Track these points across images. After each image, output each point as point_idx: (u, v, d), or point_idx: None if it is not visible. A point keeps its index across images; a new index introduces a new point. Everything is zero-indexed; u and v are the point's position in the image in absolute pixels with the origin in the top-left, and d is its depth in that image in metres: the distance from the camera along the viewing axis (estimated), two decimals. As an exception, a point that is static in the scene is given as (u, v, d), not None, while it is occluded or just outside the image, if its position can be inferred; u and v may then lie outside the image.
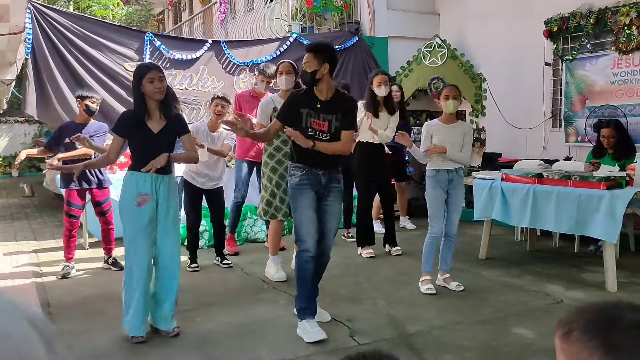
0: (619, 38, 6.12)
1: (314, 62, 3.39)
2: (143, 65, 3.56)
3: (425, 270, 4.27)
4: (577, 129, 6.75)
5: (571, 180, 4.40)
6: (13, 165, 5.09)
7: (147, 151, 3.37)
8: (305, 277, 3.43)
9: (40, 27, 6.25)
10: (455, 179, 4.27)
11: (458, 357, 3.04)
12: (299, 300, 3.45)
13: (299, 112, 3.44)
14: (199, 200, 5.03)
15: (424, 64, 7.77)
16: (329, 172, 3.50)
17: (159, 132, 3.42)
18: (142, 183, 3.37)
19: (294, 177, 3.49)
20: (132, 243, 3.38)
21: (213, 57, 7.22)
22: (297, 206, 3.46)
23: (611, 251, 4.22)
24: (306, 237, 3.41)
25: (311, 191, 3.46)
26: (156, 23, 18.70)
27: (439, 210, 4.23)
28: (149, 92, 3.35)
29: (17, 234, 7.24)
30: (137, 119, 3.40)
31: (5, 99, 12.69)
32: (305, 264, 3.42)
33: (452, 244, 4.33)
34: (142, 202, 3.36)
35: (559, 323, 0.95)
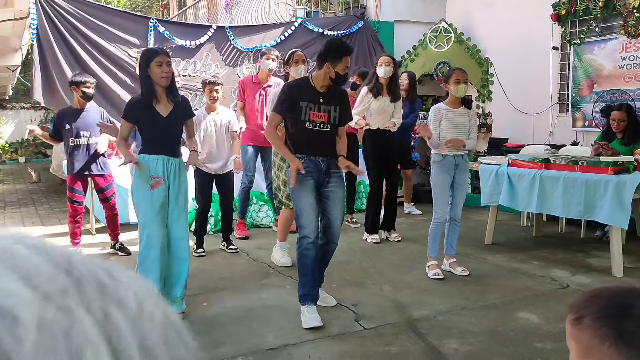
0: (628, 21, 6.04)
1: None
2: (151, 49, 3.57)
3: (431, 255, 4.27)
4: (585, 114, 6.70)
5: (578, 165, 4.38)
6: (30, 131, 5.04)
7: (158, 135, 3.41)
8: (307, 263, 3.42)
9: (44, 12, 6.22)
10: (461, 163, 4.26)
11: (463, 341, 3.05)
12: (301, 287, 3.45)
13: (299, 104, 3.44)
14: (210, 186, 5.04)
15: (430, 48, 7.71)
16: (327, 159, 3.50)
17: (168, 116, 3.44)
18: (154, 166, 3.41)
19: None
20: (147, 227, 3.39)
21: (217, 43, 7.18)
22: (296, 193, 3.45)
23: (617, 236, 4.21)
24: (307, 223, 3.40)
25: (310, 179, 3.45)
26: (160, 8, 18.60)
27: (443, 195, 4.22)
28: (156, 77, 3.35)
29: (24, 220, 7.29)
30: (145, 103, 3.40)
31: (10, 85, 12.71)
32: (305, 251, 3.41)
33: (457, 227, 4.32)
34: (155, 185, 3.39)
35: (570, 308, 0.94)
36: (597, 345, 0.86)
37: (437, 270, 4.21)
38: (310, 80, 3.52)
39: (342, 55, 3.45)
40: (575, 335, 0.91)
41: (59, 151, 9.68)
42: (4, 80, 11.79)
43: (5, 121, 18.61)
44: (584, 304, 0.91)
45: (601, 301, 0.89)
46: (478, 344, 3.03)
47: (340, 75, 3.47)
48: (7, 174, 13.72)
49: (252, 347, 3.04)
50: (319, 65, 3.53)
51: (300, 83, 3.58)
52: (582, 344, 0.89)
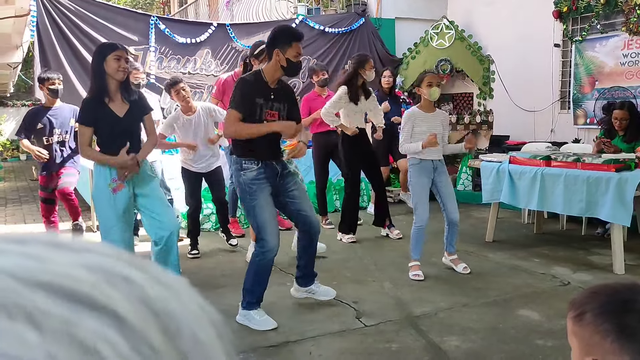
0: (630, 18, 6.02)
1: None
2: (109, 43, 3.44)
3: (414, 257, 4.20)
4: (586, 111, 6.69)
5: (580, 163, 4.37)
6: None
7: (115, 136, 3.26)
8: (264, 276, 3.29)
9: (45, 9, 6.23)
10: (439, 166, 4.20)
11: (464, 338, 3.05)
12: (251, 295, 3.30)
13: (255, 101, 3.19)
14: (198, 185, 4.96)
15: (432, 45, 7.70)
16: (281, 161, 3.32)
17: (125, 116, 3.29)
18: (116, 169, 3.26)
19: (249, 171, 3.20)
20: (109, 233, 3.24)
21: (217, 41, 7.18)
22: (256, 204, 3.19)
23: (619, 234, 4.20)
24: (271, 236, 3.19)
25: (269, 186, 3.24)
26: (161, 6, 18.57)
27: (423, 198, 4.14)
28: (111, 71, 3.20)
29: (25, 217, 7.30)
30: (99, 100, 3.23)
31: (12, 83, 12.71)
32: (267, 264, 3.26)
33: (456, 229, 4.27)
34: (117, 188, 3.25)
35: (570, 305, 0.94)
36: (599, 341, 0.86)
37: (418, 271, 4.14)
38: (262, 74, 3.26)
39: (292, 40, 3.19)
40: (576, 332, 0.91)
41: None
42: (5, 77, 11.79)
43: (7, 118, 18.59)
44: (585, 300, 0.91)
45: (602, 297, 0.89)
46: (479, 341, 3.03)
47: (293, 62, 3.21)
48: (8, 171, 13.73)
49: (253, 344, 3.04)
50: (269, 55, 3.27)
51: (254, 77, 3.28)
52: (583, 341, 0.89)
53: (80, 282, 0.26)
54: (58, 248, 0.28)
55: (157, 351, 0.26)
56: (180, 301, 0.29)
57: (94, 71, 3.25)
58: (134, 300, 0.27)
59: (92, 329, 0.24)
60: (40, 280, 0.25)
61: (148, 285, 0.28)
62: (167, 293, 0.29)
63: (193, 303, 0.30)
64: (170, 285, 0.30)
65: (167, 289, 0.29)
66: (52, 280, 0.25)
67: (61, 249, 0.28)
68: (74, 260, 0.27)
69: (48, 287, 0.25)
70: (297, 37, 3.25)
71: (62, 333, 0.24)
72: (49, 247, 0.28)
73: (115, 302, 0.26)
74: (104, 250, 0.29)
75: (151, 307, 0.27)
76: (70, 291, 0.25)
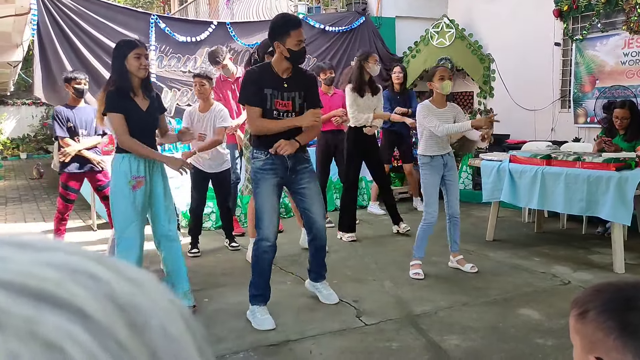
0: (630, 17, 6.01)
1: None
2: (128, 41, 3.43)
3: (417, 255, 4.20)
4: (587, 110, 6.68)
5: (580, 162, 4.37)
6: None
7: (139, 130, 3.27)
8: (263, 266, 3.33)
9: (45, 8, 6.22)
10: (449, 161, 4.20)
11: (464, 337, 3.05)
12: (254, 287, 3.35)
13: (263, 92, 3.21)
14: (205, 183, 4.95)
15: (432, 44, 7.69)
16: (294, 155, 3.28)
17: (147, 110, 3.33)
18: (136, 166, 3.28)
19: (257, 161, 3.30)
20: (128, 228, 3.26)
21: (218, 39, 7.15)
22: (258, 192, 3.28)
23: (619, 233, 4.20)
24: (267, 225, 3.26)
25: (275, 177, 3.28)
26: (161, 4, 18.57)
27: (434, 196, 4.15)
28: (133, 69, 3.23)
29: (25, 216, 7.31)
30: (125, 94, 3.25)
31: (12, 81, 12.71)
32: (264, 254, 3.31)
33: (457, 223, 4.28)
34: (137, 185, 3.27)
35: (573, 303, 0.94)
36: (601, 339, 0.86)
37: (419, 270, 4.13)
38: (272, 67, 3.28)
39: (289, 29, 3.14)
40: (579, 329, 0.91)
41: (60, 147, 9.71)
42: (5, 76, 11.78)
43: (7, 117, 18.60)
44: (588, 298, 0.91)
45: (605, 295, 0.89)
46: (479, 340, 3.03)
47: (295, 51, 3.17)
48: (8, 170, 13.73)
49: (253, 343, 3.05)
50: (273, 49, 3.29)
51: (261, 69, 3.30)
52: (586, 338, 0.89)
53: (43, 280, 0.26)
54: (21, 247, 0.28)
55: (124, 346, 0.25)
56: (148, 296, 0.29)
57: (117, 69, 3.27)
58: (99, 296, 0.27)
59: (55, 326, 0.24)
60: (1, 279, 0.25)
61: (114, 281, 0.28)
62: (135, 288, 0.29)
63: (162, 298, 0.30)
64: (137, 281, 0.29)
65: (134, 284, 0.29)
66: (13, 279, 0.25)
67: (24, 248, 0.28)
68: (37, 259, 0.27)
69: (9, 286, 0.25)
70: (293, 24, 3.19)
71: (24, 331, 0.23)
72: (11, 246, 0.28)
73: (80, 299, 0.26)
74: (69, 248, 0.29)
75: (117, 303, 0.27)
76: (33, 289, 0.25)
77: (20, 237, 0.29)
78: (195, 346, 0.30)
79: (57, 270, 0.27)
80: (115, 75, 3.30)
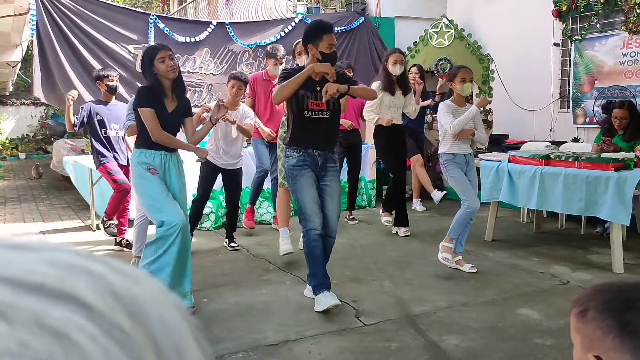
0: (629, 18, 6.02)
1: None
2: (151, 47, 3.53)
3: (451, 235, 4.23)
4: (586, 110, 6.69)
5: (579, 162, 4.38)
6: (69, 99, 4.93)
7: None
8: (316, 254, 3.45)
9: (44, 8, 6.22)
10: (470, 161, 4.34)
11: (463, 337, 3.06)
12: (313, 278, 3.47)
13: (298, 92, 3.41)
14: (213, 178, 4.93)
15: (431, 44, 7.70)
16: (324, 153, 3.52)
17: (172, 112, 3.45)
18: (152, 160, 3.42)
19: (291, 158, 3.50)
20: (162, 211, 3.30)
21: (217, 40, 7.16)
22: (297, 187, 3.46)
23: (618, 233, 4.21)
24: (312, 215, 3.44)
25: (310, 170, 3.47)
26: (160, 4, 18.56)
27: (468, 186, 4.22)
28: (162, 72, 3.35)
29: (24, 216, 7.30)
30: (157, 93, 3.40)
31: (11, 81, 12.71)
32: (314, 242, 3.44)
33: (470, 225, 4.31)
34: (153, 172, 3.40)
35: (574, 302, 0.95)
36: (601, 337, 0.86)
37: (448, 255, 4.21)
38: (301, 70, 3.47)
39: (322, 34, 3.39)
40: (579, 328, 0.92)
41: (59, 147, 9.70)
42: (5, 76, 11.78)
43: (6, 117, 18.59)
44: (589, 297, 0.92)
45: (605, 294, 0.90)
46: (478, 339, 3.03)
47: (327, 54, 3.41)
48: (7, 170, 13.72)
49: (252, 343, 3.05)
50: (306, 52, 3.51)
51: (296, 71, 3.51)
52: (586, 337, 0.90)
53: (44, 276, 0.27)
54: (19, 249, 0.29)
55: (128, 333, 0.27)
56: (144, 288, 0.31)
57: (147, 76, 3.40)
58: (99, 289, 0.28)
59: (60, 317, 0.25)
60: (4, 276, 0.26)
61: (110, 276, 0.29)
62: (130, 281, 0.30)
63: (156, 289, 0.32)
64: (132, 275, 0.31)
65: (129, 277, 0.31)
66: (16, 276, 0.27)
67: (22, 249, 0.29)
68: (36, 258, 0.29)
69: (13, 282, 0.26)
70: (327, 29, 3.44)
71: (31, 322, 0.25)
72: (9, 248, 0.29)
73: (81, 291, 0.27)
74: (64, 248, 0.31)
75: (116, 295, 0.28)
76: (35, 285, 0.26)
77: (15, 239, 0.31)
78: (192, 335, 0.31)
79: (57, 268, 0.28)
80: (147, 78, 3.44)
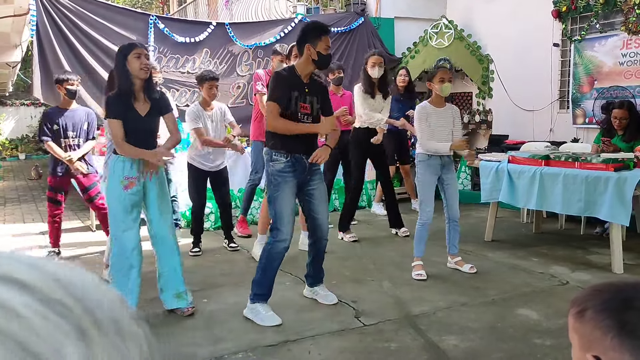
0: (629, 18, 6.02)
1: None
2: (127, 44, 3.46)
3: (417, 255, 4.20)
4: (585, 111, 6.69)
5: (578, 162, 4.38)
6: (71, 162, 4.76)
7: (135, 135, 3.30)
8: (274, 266, 3.37)
9: (44, 8, 6.22)
10: (447, 163, 4.19)
11: (462, 337, 3.06)
12: (259, 286, 3.37)
13: (290, 94, 3.32)
14: (204, 183, 4.98)
15: (431, 45, 7.70)
16: (309, 157, 3.40)
17: (146, 116, 3.36)
18: (129, 167, 3.34)
19: (277, 163, 3.34)
20: (120, 227, 3.33)
21: (216, 40, 7.16)
22: (278, 195, 3.32)
23: (618, 233, 4.21)
24: (286, 227, 3.32)
25: (294, 179, 3.36)
26: (160, 5, 18.56)
27: (429, 195, 4.14)
28: (135, 70, 3.26)
29: (24, 216, 7.30)
30: (125, 99, 3.29)
31: (10, 82, 12.71)
32: (278, 254, 3.35)
33: (457, 227, 4.27)
34: (128, 186, 3.33)
35: (572, 302, 0.94)
36: (600, 337, 0.86)
37: (421, 271, 4.13)
38: (295, 70, 3.39)
39: (322, 34, 3.33)
40: (577, 328, 0.91)
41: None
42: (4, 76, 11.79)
43: (6, 118, 18.59)
44: (587, 297, 0.92)
45: (604, 294, 0.90)
46: (477, 340, 3.03)
47: (324, 55, 3.33)
48: (7, 171, 13.72)
49: (252, 343, 3.05)
50: (300, 51, 3.41)
51: (289, 71, 3.43)
52: (584, 337, 0.90)
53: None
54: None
55: (67, 307, 0.31)
56: (83, 275, 0.35)
57: (119, 72, 3.32)
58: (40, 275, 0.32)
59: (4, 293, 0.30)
60: None
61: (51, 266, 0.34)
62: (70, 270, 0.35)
63: (95, 279, 0.36)
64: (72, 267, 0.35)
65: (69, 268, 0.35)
66: None
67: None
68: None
69: None
70: (325, 30, 3.38)
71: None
72: None
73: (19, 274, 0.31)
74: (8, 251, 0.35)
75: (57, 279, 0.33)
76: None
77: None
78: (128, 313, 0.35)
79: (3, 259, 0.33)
80: (118, 79, 3.34)
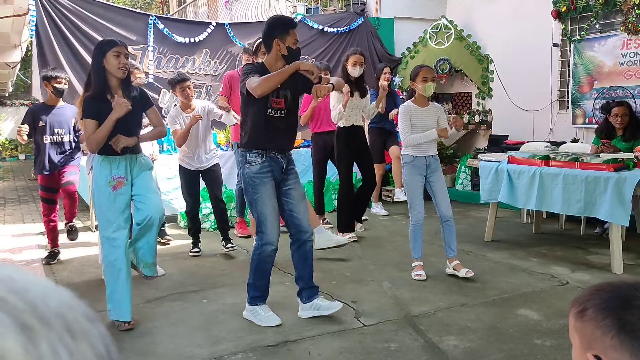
0: (629, 18, 6.03)
1: None
2: (108, 40, 3.37)
3: (415, 257, 4.19)
4: (585, 111, 6.69)
5: (578, 162, 4.38)
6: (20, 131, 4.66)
7: (116, 134, 3.23)
8: (266, 268, 3.32)
9: (44, 9, 6.22)
10: (432, 163, 4.14)
11: (462, 338, 3.06)
12: (254, 289, 3.33)
13: None
14: (196, 184, 4.94)
15: (430, 45, 7.70)
16: (286, 155, 3.35)
17: (127, 113, 3.24)
18: (116, 166, 3.27)
19: (253, 165, 3.24)
20: (110, 227, 3.23)
21: (216, 40, 7.16)
22: (258, 197, 3.22)
23: (617, 233, 4.21)
24: (271, 229, 3.24)
25: (272, 179, 3.27)
26: (160, 5, 18.57)
27: (418, 195, 4.10)
28: (112, 68, 3.19)
29: (24, 216, 7.30)
30: (101, 97, 3.20)
31: (10, 82, 12.71)
32: (268, 258, 3.29)
33: (451, 227, 4.16)
34: (117, 186, 3.26)
35: (573, 302, 0.95)
36: (600, 337, 0.87)
37: (421, 271, 4.11)
38: (265, 66, 3.28)
39: (289, 28, 3.23)
40: (578, 327, 0.92)
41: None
42: (4, 77, 11.79)
43: (5, 118, 18.59)
44: (588, 297, 0.92)
45: (604, 294, 0.90)
46: (477, 340, 3.03)
47: (293, 49, 3.23)
48: (7, 171, 13.71)
49: (251, 344, 3.05)
50: (267, 46, 3.29)
51: (258, 67, 3.30)
52: (585, 336, 0.90)
53: None
54: None
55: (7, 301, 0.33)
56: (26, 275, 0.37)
57: (95, 69, 3.23)
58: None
59: None
60: None
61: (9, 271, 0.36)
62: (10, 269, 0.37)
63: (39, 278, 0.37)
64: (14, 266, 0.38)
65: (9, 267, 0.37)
66: None
67: None
68: None
69: None
70: (293, 24, 3.31)
71: None
72: None
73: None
74: None
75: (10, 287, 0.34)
76: None
77: None
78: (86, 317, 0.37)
79: None
80: (93, 76, 3.24)
